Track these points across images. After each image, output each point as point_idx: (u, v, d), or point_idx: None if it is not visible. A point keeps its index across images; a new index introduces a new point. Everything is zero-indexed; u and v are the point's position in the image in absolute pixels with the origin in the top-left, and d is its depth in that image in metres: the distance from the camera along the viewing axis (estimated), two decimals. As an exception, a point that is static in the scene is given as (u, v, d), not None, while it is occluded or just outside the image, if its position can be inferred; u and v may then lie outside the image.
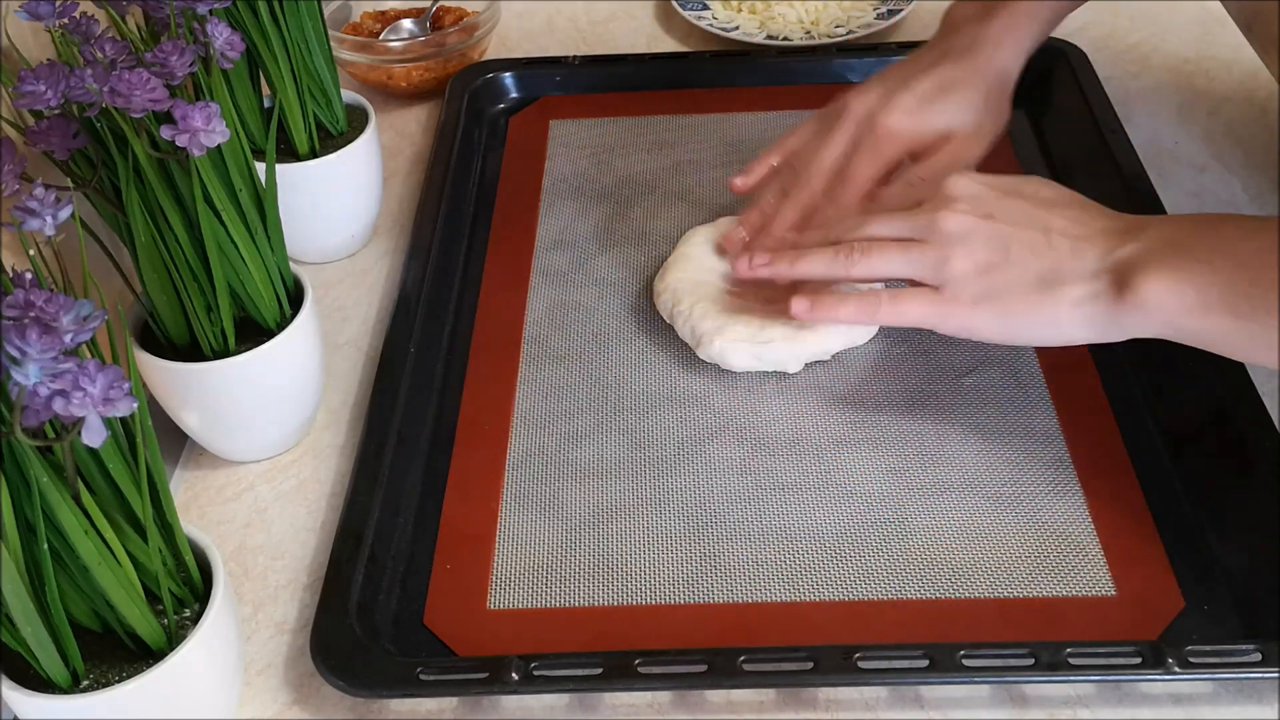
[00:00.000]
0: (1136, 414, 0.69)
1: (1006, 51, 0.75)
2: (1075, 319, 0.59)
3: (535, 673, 0.56)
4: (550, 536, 0.65)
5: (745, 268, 0.70)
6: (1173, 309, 0.56)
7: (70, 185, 0.60)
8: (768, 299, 0.73)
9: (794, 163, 0.76)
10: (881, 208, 0.69)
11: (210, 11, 0.62)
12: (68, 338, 0.44)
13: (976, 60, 0.74)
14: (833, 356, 0.73)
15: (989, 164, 0.86)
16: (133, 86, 0.54)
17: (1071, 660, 0.55)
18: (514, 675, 0.56)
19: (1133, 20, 1.04)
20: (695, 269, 0.77)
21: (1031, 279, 0.60)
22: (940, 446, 0.68)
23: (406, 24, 1.01)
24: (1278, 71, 0.91)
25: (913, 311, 0.64)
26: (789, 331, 0.71)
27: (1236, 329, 0.54)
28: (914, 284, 0.64)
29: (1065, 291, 0.59)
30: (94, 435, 0.44)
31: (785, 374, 0.72)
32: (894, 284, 0.68)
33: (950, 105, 0.73)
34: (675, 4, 1.06)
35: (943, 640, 0.57)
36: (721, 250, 0.77)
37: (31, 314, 0.44)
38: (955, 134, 0.73)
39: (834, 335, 0.72)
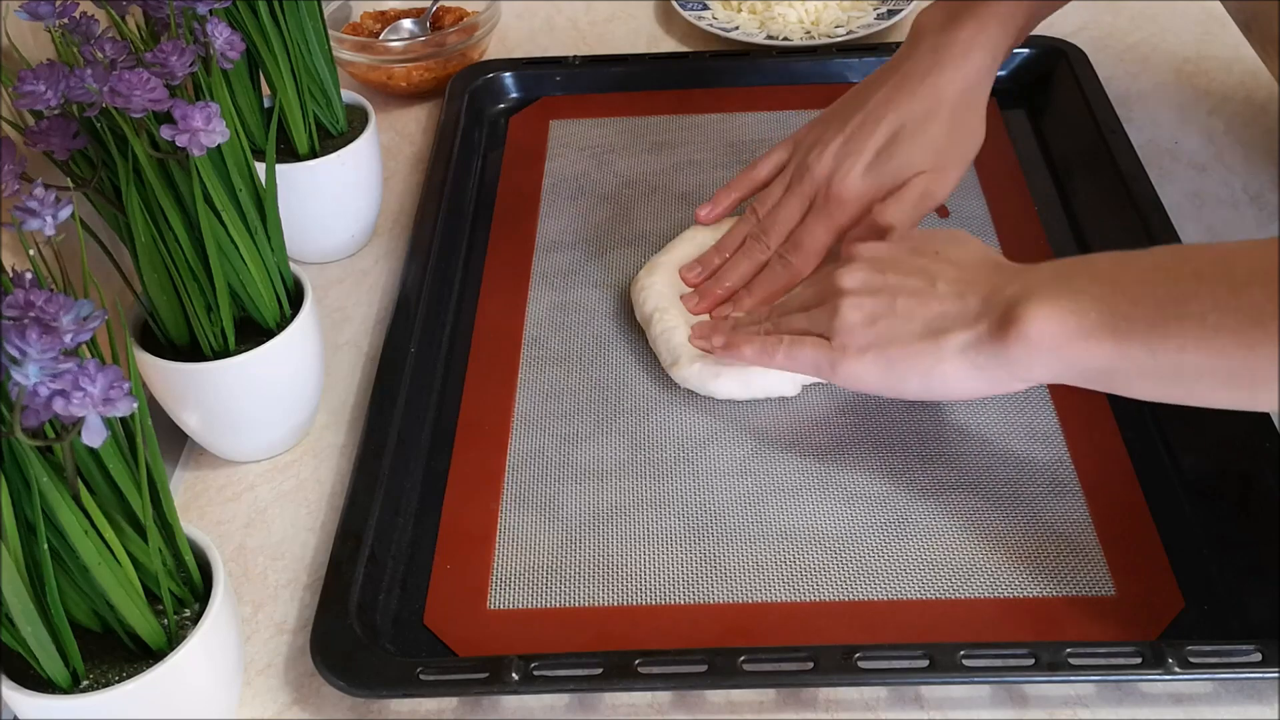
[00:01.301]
0: (1136, 414, 0.69)
1: (972, 63, 0.72)
2: (960, 367, 0.58)
3: (535, 673, 0.56)
4: (550, 537, 0.65)
5: (702, 341, 0.71)
6: (1055, 338, 0.54)
7: (70, 185, 0.60)
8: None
9: (757, 210, 0.77)
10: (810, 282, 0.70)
11: (210, 11, 0.62)
12: (68, 338, 0.44)
13: (938, 83, 0.72)
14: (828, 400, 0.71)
15: (990, 165, 0.86)
16: (133, 86, 0.54)
17: (1071, 660, 0.55)
18: (514, 675, 0.56)
19: (1133, 20, 1.04)
20: (680, 276, 0.76)
21: (916, 328, 0.60)
22: (940, 447, 0.68)
23: (406, 24, 1.01)
24: (1278, 71, 0.92)
25: (805, 357, 0.64)
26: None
27: (1121, 355, 0.53)
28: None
29: (949, 339, 0.59)
30: (94, 435, 0.44)
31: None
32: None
33: (905, 152, 0.72)
34: (675, 4, 1.06)
35: (943, 640, 0.57)
36: (683, 279, 0.77)
37: (31, 314, 0.44)
38: (918, 176, 0.72)
39: None
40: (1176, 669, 0.55)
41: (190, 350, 0.65)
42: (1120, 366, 0.53)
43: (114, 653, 0.53)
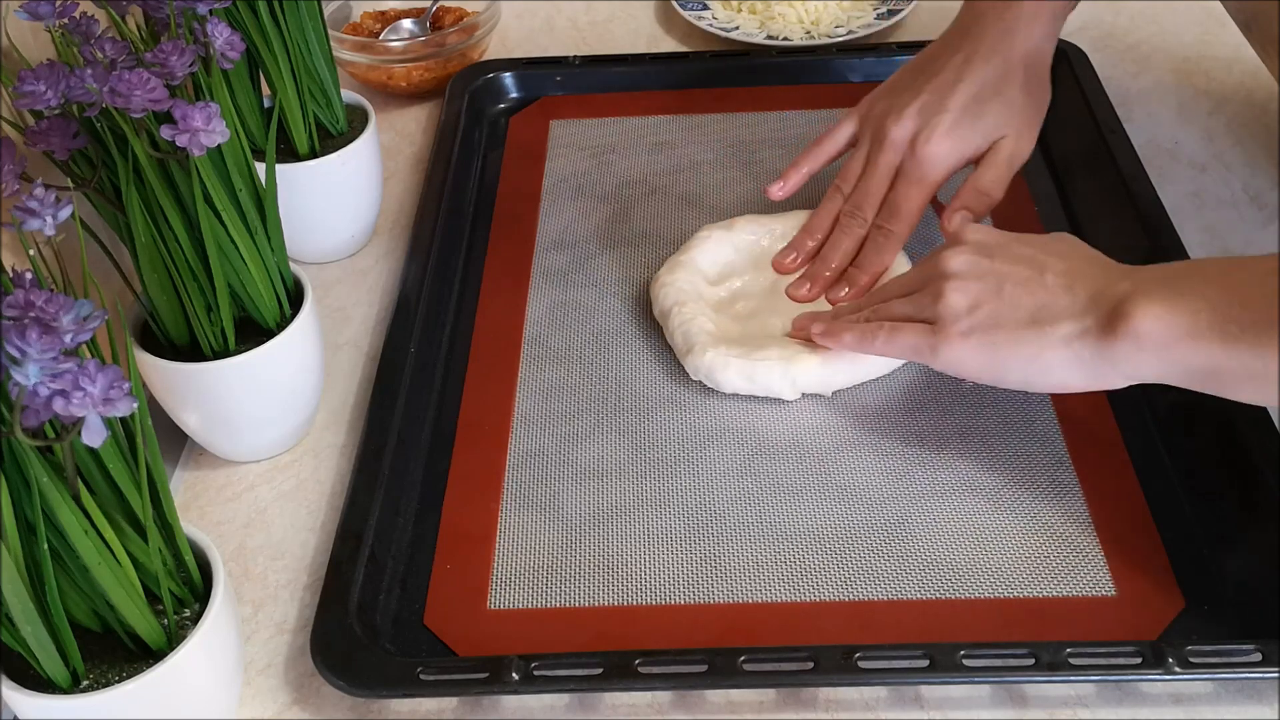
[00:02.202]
0: (1137, 414, 0.69)
1: (1039, 30, 0.74)
2: (1064, 358, 0.58)
3: (535, 673, 0.56)
4: (550, 536, 0.65)
5: (798, 322, 0.72)
6: (1164, 337, 0.55)
7: (70, 185, 0.60)
8: (766, 326, 0.74)
9: (841, 187, 0.77)
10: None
11: (210, 11, 0.62)
12: (68, 338, 0.44)
13: (1010, 51, 0.73)
14: (833, 394, 0.71)
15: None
16: (133, 86, 0.54)
17: (1071, 660, 0.55)
18: (514, 675, 0.56)
19: (1133, 20, 1.04)
20: (700, 275, 0.76)
21: (1022, 316, 0.60)
22: (940, 447, 0.68)
23: (406, 24, 1.01)
24: (1278, 71, 0.92)
25: (907, 342, 0.64)
26: (785, 354, 0.70)
27: (1229, 357, 0.53)
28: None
29: (1055, 329, 0.59)
30: (94, 435, 0.44)
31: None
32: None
33: (990, 114, 0.73)
34: (675, 4, 1.06)
35: (943, 640, 0.57)
36: (780, 269, 0.77)
37: (31, 314, 0.44)
38: (1003, 138, 0.73)
39: (836, 370, 0.70)
40: (1176, 669, 0.55)
41: (190, 350, 0.65)
42: (1227, 368, 0.53)
43: (114, 653, 0.53)
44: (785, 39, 1.02)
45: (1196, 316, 0.54)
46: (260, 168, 0.64)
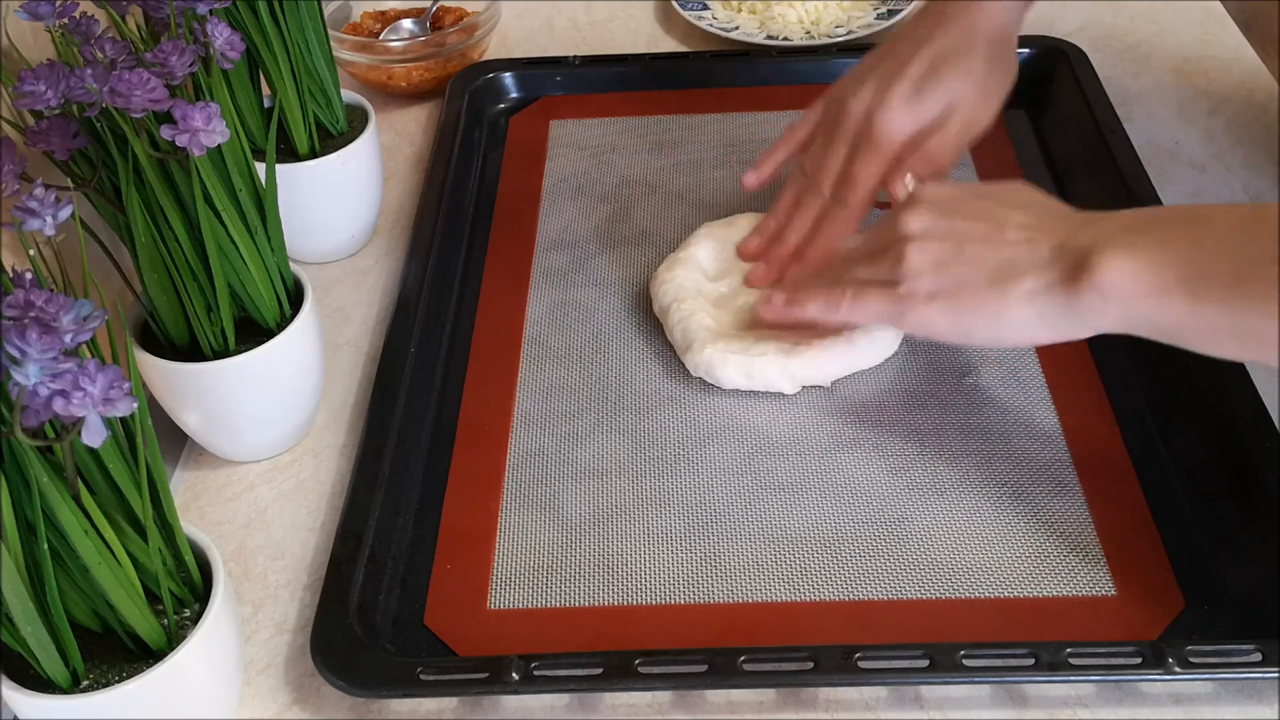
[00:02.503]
0: (1137, 414, 0.69)
1: (1004, 3, 0.72)
2: (1028, 315, 0.58)
3: (535, 673, 0.56)
4: (550, 536, 0.65)
5: (766, 305, 0.70)
6: (1129, 291, 0.54)
7: (70, 185, 0.60)
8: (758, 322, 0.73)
9: (804, 166, 0.76)
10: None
11: (210, 11, 0.62)
12: (68, 338, 0.44)
13: (973, 21, 0.72)
14: (832, 384, 0.71)
15: (990, 165, 0.86)
16: (133, 86, 0.54)
17: (1072, 660, 0.55)
18: (514, 675, 0.56)
19: (1133, 20, 1.04)
20: (700, 272, 0.76)
21: (985, 273, 0.59)
22: (940, 446, 0.68)
23: (406, 24, 1.01)
24: (1278, 71, 0.91)
25: (872, 307, 0.63)
26: (783, 348, 0.70)
27: (1193, 313, 0.52)
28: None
29: (1018, 284, 0.58)
30: (94, 435, 0.44)
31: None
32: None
33: (947, 81, 0.71)
34: (675, 4, 1.06)
35: (943, 640, 0.57)
36: (743, 255, 0.77)
37: (31, 314, 0.44)
38: (959, 106, 0.72)
39: (831, 360, 0.70)
40: (1176, 669, 0.55)
41: (190, 350, 0.65)
42: (1192, 324, 0.53)
43: (114, 653, 0.53)
44: (785, 39, 1.02)
45: (1164, 271, 0.53)
46: (260, 168, 0.64)
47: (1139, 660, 0.55)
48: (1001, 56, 0.73)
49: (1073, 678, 0.56)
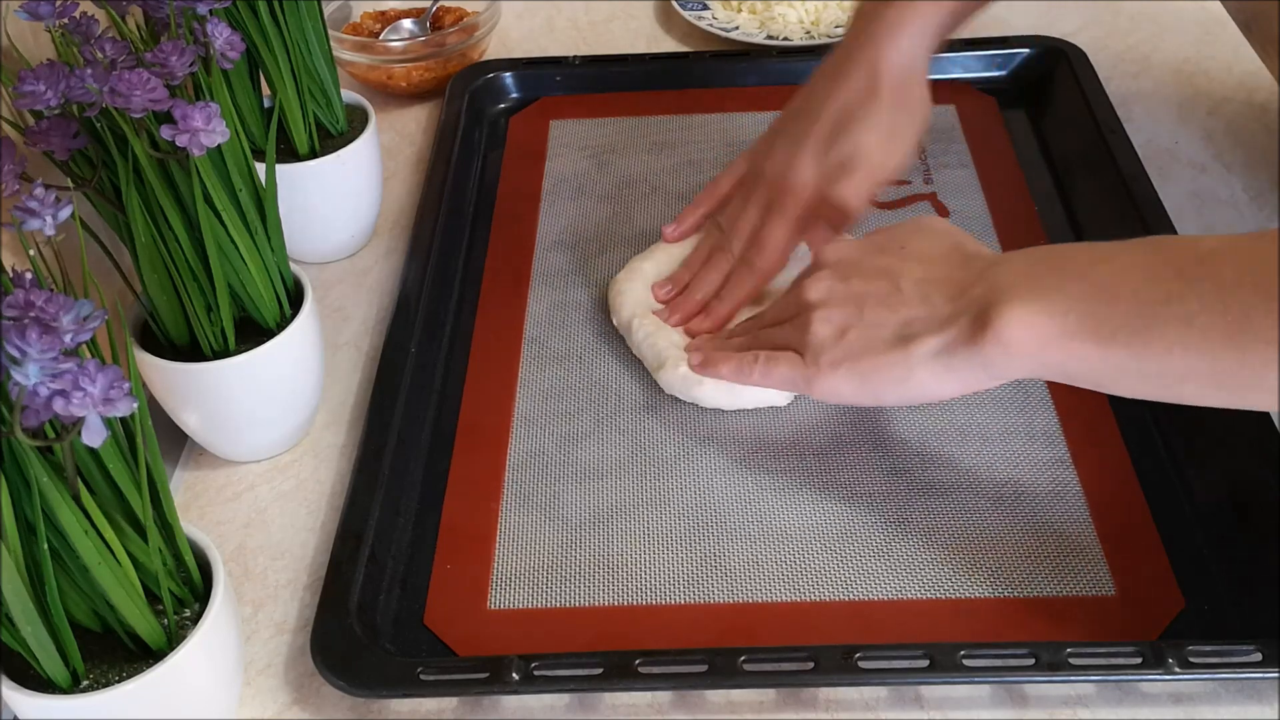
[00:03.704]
0: (1137, 414, 0.69)
1: (906, 41, 0.71)
2: (934, 372, 0.57)
3: (535, 673, 0.56)
4: (550, 536, 0.65)
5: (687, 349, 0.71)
6: (1033, 340, 0.53)
7: (70, 185, 0.60)
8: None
9: (719, 222, 0.77)
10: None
11: (210, 11, 0.62)
12: (68, 338, 0.44)
13: (875, 68, 0.71)
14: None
15: (990, 165, 0.86)
16: (133, 86, 0.54)
17: (1072, 660, 0.55)
18: (514, 675, 0.56)
19: (1133, 20, 1.04)
20: (662, 279, 0.76)
21: (886, 336, 0.59)
22: (940, 447, 0.68)
23: (406, 24, 1.01)
24: (1278, 71, 0.92)
25: (781, 374, 0.64)
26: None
27: (1103, 357, 0.51)
28: None
29: (920, 344, 0.57)
30: (94, 435, 0.44)
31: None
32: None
33: (851, 134, 0.71)
34: (675, 4, 1.06)
35: (943, 640, 0.57)
36: (655, 298, 0.77)
37: (31, 314, 0.44)
38: (863, 155, 0.70)
39: None
40: (1176, 669, 0.55)
41: (190, 350, 0.65)
42: (1102, 369, 0.52)
43: (114, 653, 0.53)
44: (785, 39, 1.02)
45: (1064, 319, 0.52)
46: (260, 168, 0.64)
47: (1139, 660, 0.55)
48: (906, 99, 0.72)
49: (1073, 678, 0.56)
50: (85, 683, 0.52)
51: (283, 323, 0.67)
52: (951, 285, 0.58)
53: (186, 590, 0.55)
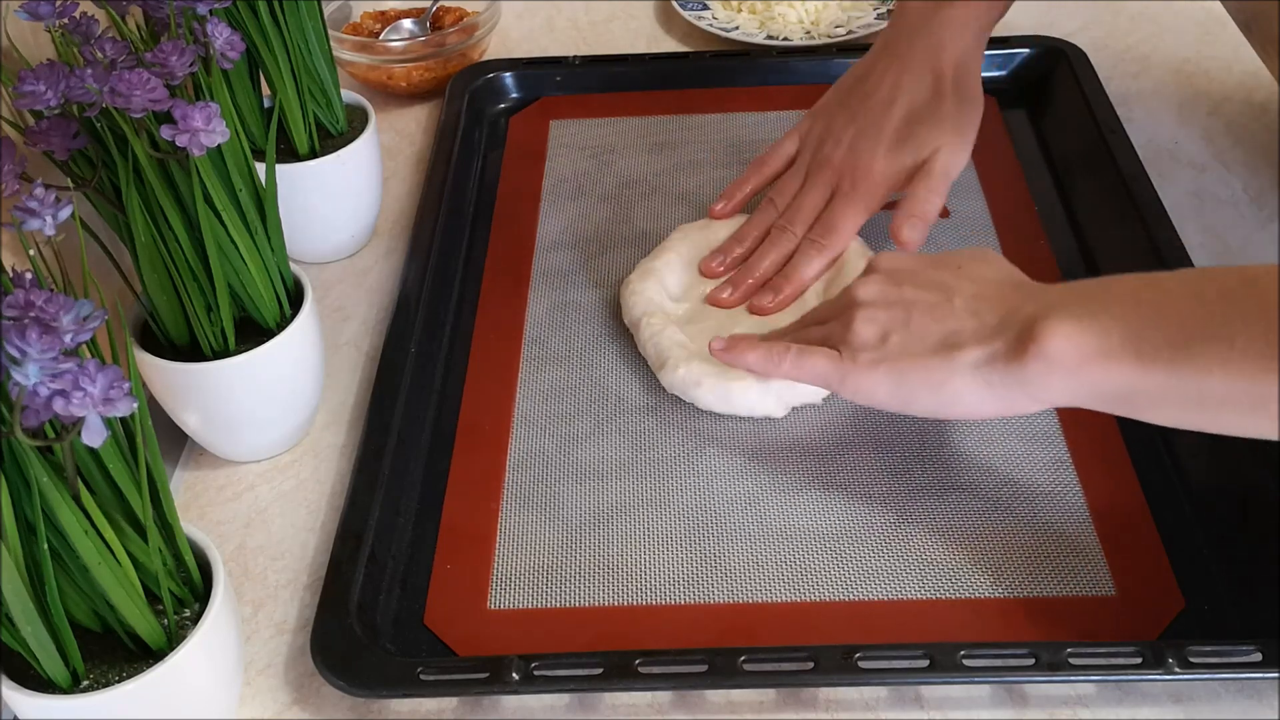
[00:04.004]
0: (1136, 414, 0.69)
1: (967, 40, 0.74)
2: (973, 384, 0.57)
3: (535, 673, 0.56)
4: (551, 536, 0.65)
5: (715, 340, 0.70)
6: (1074, 357, 0.53)
7: (70, 185, 0.60)
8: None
9: (774, 200, 0.78)
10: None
11: (210, 11, 0.62)
12: (68, 338, 0.44)
13: (939, 65, 0.74)
14: (824, 400, 0.70)
15: (990, 165, 0.86)
16: (133, 86, 0.54)
17: (1072, 660, 0.55)
18: (514, 675, 0.56)
19: (1133, 20, 1.04)
20: (665, 292, 0.76)
21: (930, 343, 0.59)
22: (940, 447, 0.68)
23: (406, 24, 1.01)
24: (1278, 71, 0.92)
25: (814, 368, 0.63)
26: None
27: (1143, 377, 0.51)
28: None
29: (963, 353, 0.57)
30: (94, 435, 0.44)
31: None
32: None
33: (924, 131, 0.73)
34: (675, 4, 1.06)
35: (943, 640, 0.57)
36: (705, 273, 0.78)
37: (31, 314, 0.44)
38: (937, 153, 0.73)
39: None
40: (1176, 669, 0.55)
41: (190, 350, 0.65)
42: (1141, 389, 0.52)
43: (114, 653, 0.53)
44: (785, 39, 1.02)
45: (1107, 336, 0.52)
46: (260, 168, 0.64)
47: (1139, 660, 0.55)
48: (969, 94, 0.75)
49: (1073, 678, 0.56)
50: (85, 683, 0.52)
51: (283, 323, 0.67)
52: (1003, 305, 0.58)
53: (186, 590, 0.55)
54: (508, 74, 0.97)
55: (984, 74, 0.95)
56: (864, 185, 0.74)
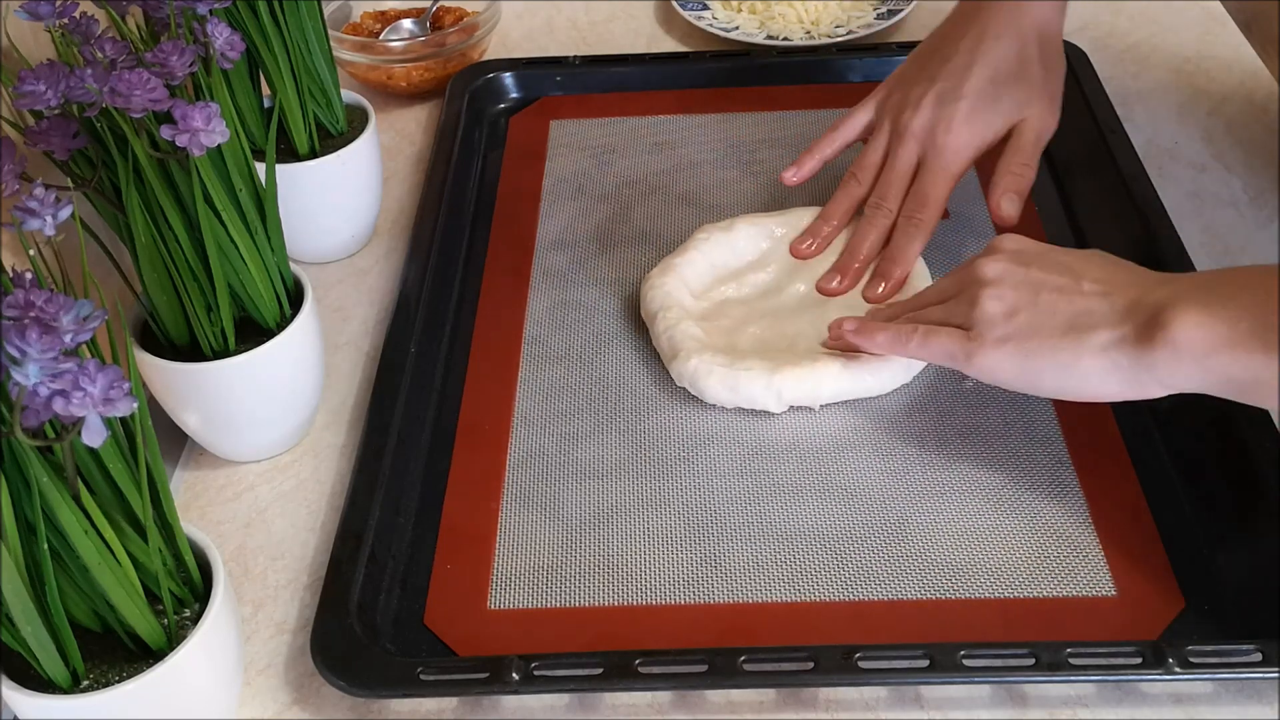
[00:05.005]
0: (1137, 414, 0.69)
1: (1045, 3, 0.73)
2: (1102, 366, 0.58)
3: (535, 673, 0.56)
4: (551, 536, 0.65)
5: (839, 326, 0.70)
6: (1203, 345, 0.54)
7: (70, 185, 0.60)
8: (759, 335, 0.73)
9: (857, 175, 0.77)
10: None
11: (210, 11, 0.62)
12: (68, 338, 0.44)
13: (1021, 26, 0.73)
14: (821, 407, 0.70)
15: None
16: (133, 86, 0.54)
17: (1072, 660, 0.55)
18: (514, 675, 0.56)
19: (1133, 20, 1.04)
20: (686, 288, 0.76)
21: (1060, 322, 0.59)
22: (940, 447, 0.68)
23: (406, 24, 1.01)
24: (1278, 71, 0.92)
25: (940, 347, 0.63)
26: (769, 365, 0.69)
27: (1268, 366, 0.52)
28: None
29: (1093, 335, 0.58)
30: (94, 435, 0.44)
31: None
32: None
33: (1008, 96, 0.73)
34: (675, 4, 1.06)
35: (943, 640, 0.57)
36: (796, 255, 0.77)
37: (31, 314, 0.44)
38: (1026, 118, 0.73)
39: (822, 383, 0.69)
40: (1176, 669, 0.55)
41: (190, 350, 0.65)
42: (1266, 378, 0.53)
43: (114, 653, 0.53)
44: (785, 39, 1.02)
45: (1236, 325, 0.53)
46: (260, 168, 0.64)
47: (1139, 660, 0.55)
48: (1054, 54, 0.74)
49: (1073, 678, 0.56)
50: (85, 683, 0.52)
51: (283, 323, 0.67)
52: (1132, 290, 0.58)
53: (186, 590, 0.55)
54: (508, 74, 0.97)
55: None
56: (949, 153, 0.73)
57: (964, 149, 0.73)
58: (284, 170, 0.77)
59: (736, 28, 1.04)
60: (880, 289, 0.74)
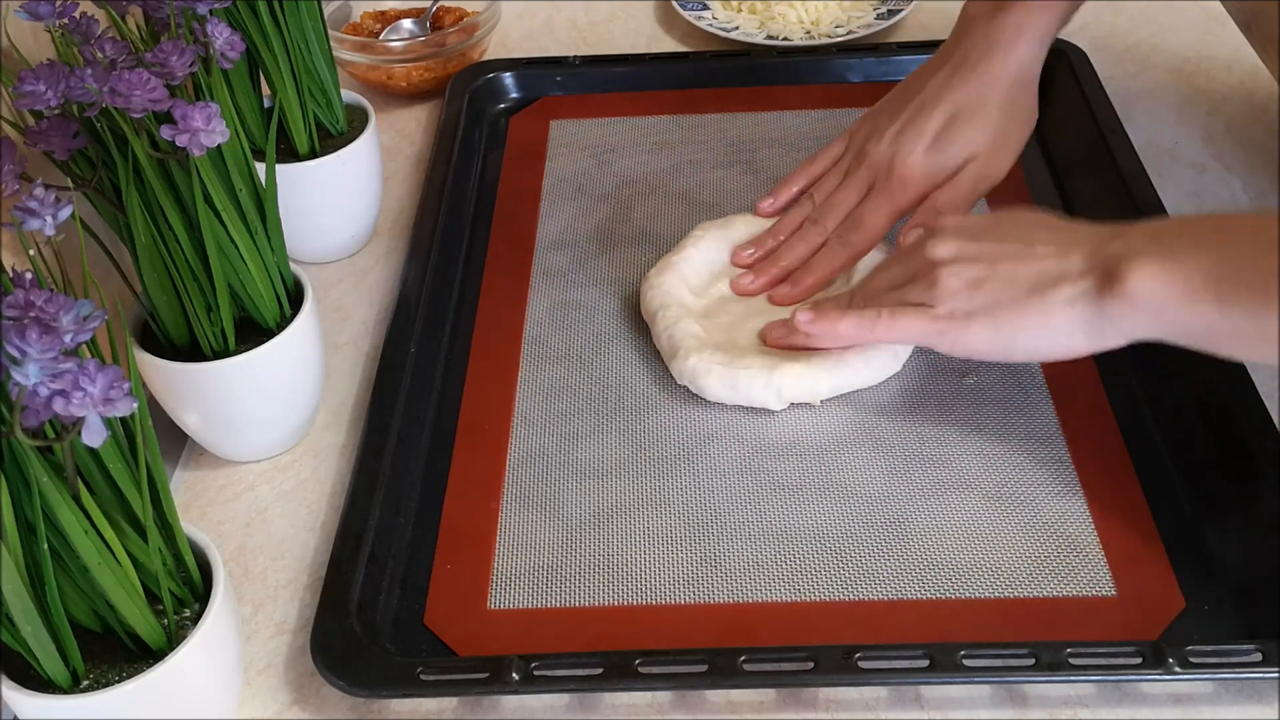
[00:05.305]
0: (1136, 414, 0.69)
1: (1022, 48, 0.74)
2: (1069, 320, 0.59)
3: (535, 673, 0.56)
4: (551, 536, 0.65)
5: (781, 326, 0.71)
6: (1159, 298, 0.55)
7: (70, 185, 0.60)
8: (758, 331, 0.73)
9: (813, 196, 0.78)
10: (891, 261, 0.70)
11: (210, 11, 0.62)
12: (68, 338, 0.44)
13: (991, 67, 0.74)
14: (821, 404, 0.70)
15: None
16: (133, 86, 0.54)
17: (1072, 660, 0.55)
18: (514, 675, 0.56)
19: (1133, 20, 1.04)
20: (685, 285, 0.76)
21: (1022, 288, 0.60)
22: (940, 447, 0.68)
23: (406, 24, 1.01)
24: (1278, 71, 0.92)
25: (909, 327, 0.64)
26: (768, 362, 0.69)
27: (1222, 318, 0.54)
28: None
29: (1056, 292, 0.59)
30: (94, 435, 0.44)
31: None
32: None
33: (963, 134, 0.74)
34: (675, 4, 1.06)
35: (943, 640, 0.57)
36: (735, 261, 0.78)
37: (31, 314, 0.44)
38: (974, 160, 0.74)
39: (820, 378, 0.69)
40: (1176, 669, 0.55)
41: (190, 350, 0.65)
42: (1220, 329, 0.54)
43: (114, 653, 0.53)
44: (785, 39, 1.02)
45: (1190, 279, 0.55)
46: (260, 168, 0.64)
47: (1139, 660, 0.55)
48: (1019, 106, 0.75)
49: (1073, 678, 0.56)
50: (85, 683, 0.52)
51: (283, 323, 0.67)
52: (1084, 245, 0.60)
53: (186, 590, 0.55)
54: (508, 74, 0.97)
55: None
56: (896, 183, 0.74)
57: (912, 183, 0.74)
58: (284, 170, 0.77)
59: (736, 28, 1.04)
60: (787, 290, 0.75)
